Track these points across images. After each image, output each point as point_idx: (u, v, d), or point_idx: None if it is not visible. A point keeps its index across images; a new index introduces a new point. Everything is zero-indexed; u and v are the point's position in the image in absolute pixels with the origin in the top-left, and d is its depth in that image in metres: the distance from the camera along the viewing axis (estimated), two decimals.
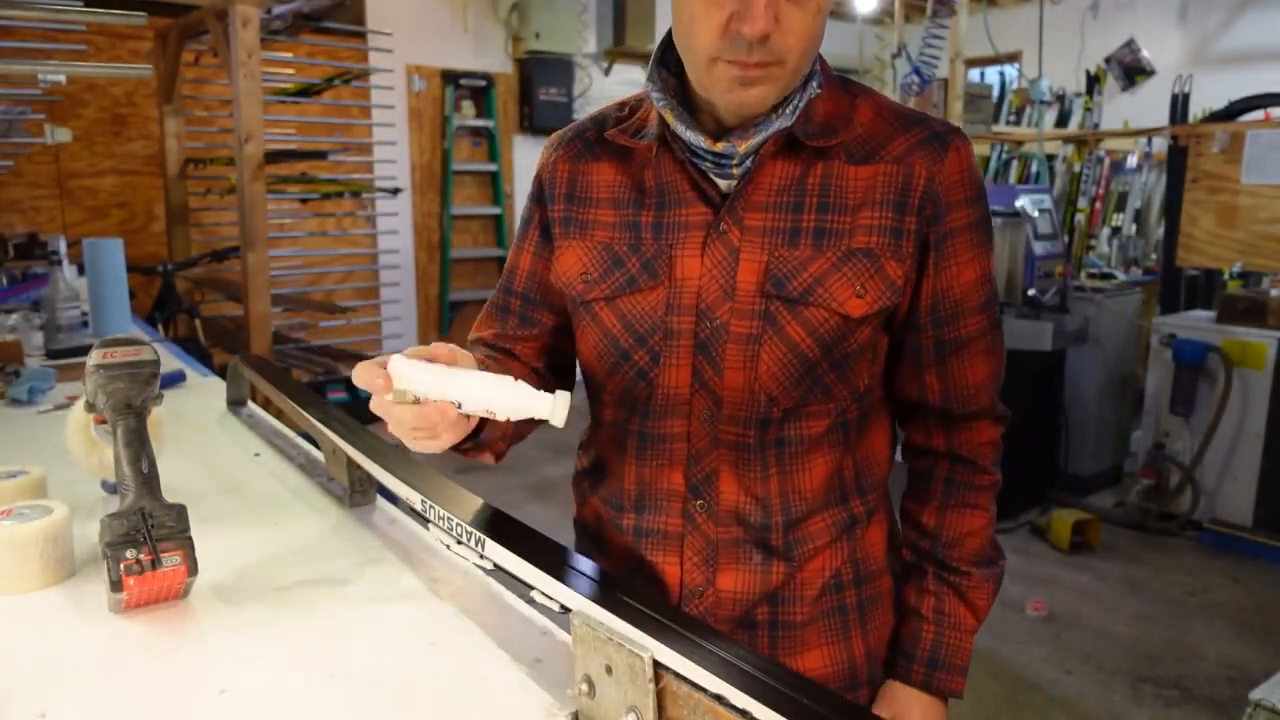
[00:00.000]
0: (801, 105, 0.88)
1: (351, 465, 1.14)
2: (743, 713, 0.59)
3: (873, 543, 1.00)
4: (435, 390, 0.77)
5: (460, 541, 0.89)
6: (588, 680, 0.70)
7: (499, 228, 6.75)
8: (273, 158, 3.72)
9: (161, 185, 4.68)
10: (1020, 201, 3.95)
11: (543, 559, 0.79)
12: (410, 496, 0.99)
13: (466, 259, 6.56)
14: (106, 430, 1.03)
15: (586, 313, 0.96)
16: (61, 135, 3.08)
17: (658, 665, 0.64)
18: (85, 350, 1.26)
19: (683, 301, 0.91)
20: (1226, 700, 2.62)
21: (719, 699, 0.61)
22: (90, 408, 1.02)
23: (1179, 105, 4.66)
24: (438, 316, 6.44)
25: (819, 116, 0.89)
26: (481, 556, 0.86)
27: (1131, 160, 5.70)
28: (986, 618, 1.01)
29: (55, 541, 0.93)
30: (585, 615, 0.70)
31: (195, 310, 4.28)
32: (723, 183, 0.91)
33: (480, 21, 6.45)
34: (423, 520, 1.03)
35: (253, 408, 1.66)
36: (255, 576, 0.96)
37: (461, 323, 6.59)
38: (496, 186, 6.69)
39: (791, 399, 0.91)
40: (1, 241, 3.19)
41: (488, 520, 0.88)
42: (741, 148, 0.88)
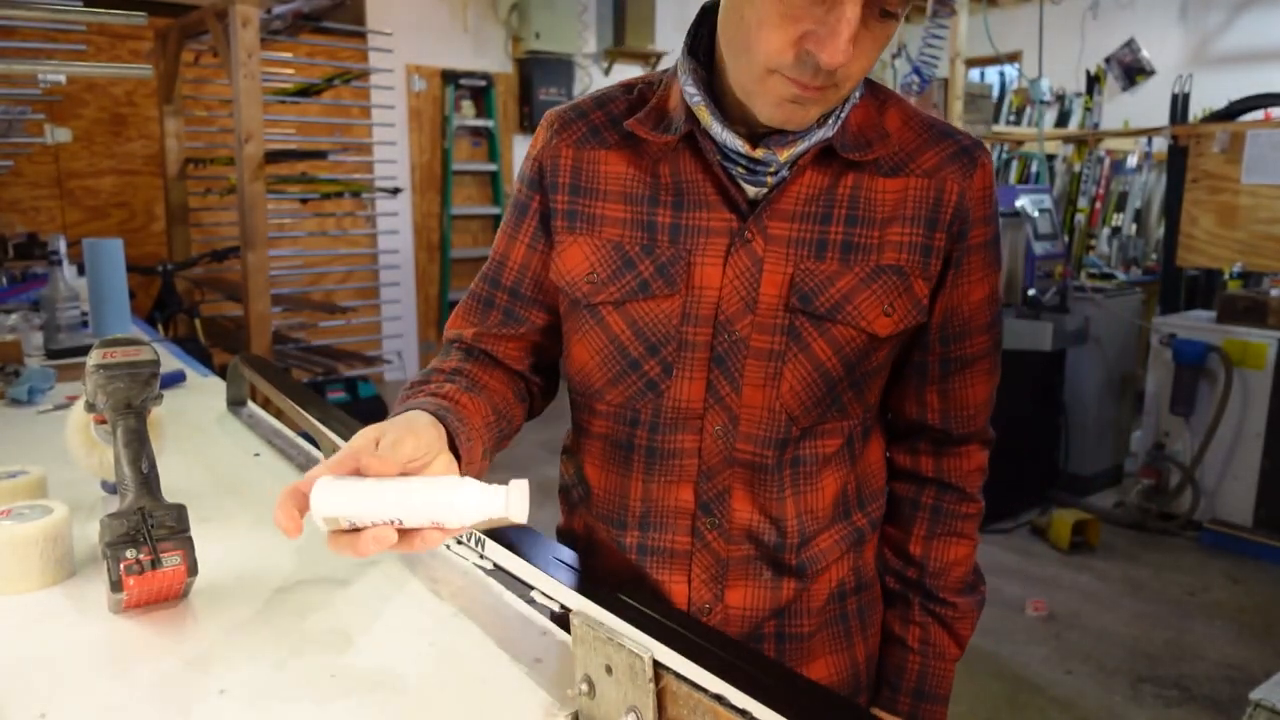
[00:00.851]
0: (844, 116, 0.84)
1: None
2: (743, 713, 0.59)
3: (870, 551, 0.99)
4: (368, 514, 0.66)
5: (460, 541, 0.89)
6: (588, 680, 0.69)
7: (499, 228, 6.74)
8: (273, 158, 3.72)
9: (161, 185, 4.68)
10: (1020, 201, 3.95)
11: (543, 559, 0.79)
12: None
13: (466, 259, 6.55)
14: (106, 430, 1.03)
15: (591, 316, 0.90)
16: (61, 135, 3.08)
17: (658, 665, 0.64)
18: (85, 350, 1.26)
19: (700, 312, 0.86)
20: (1226, 700, 2.62)
21: (719, 699, 0.61)
22: (90, 408, 1.02)
23: (1179, 105, 4.66)
24: (437, 316, 6.44)
25: (854, 127, 0.85)
26: (481, 556, 0.86)
27: (1131, 160, 5.71)
28: (971, 632, 0.99)
29: (55, 541, 0.93)
30: (585, 615, 0.70)
31: (195, 310, 4.28)
32: (751, 189, 0.85)
33: (480, 21, 6.45)
34: None
35: (253, 408, 1.66)
36: (255, 576, 0.96)
37: None
38: (496, 186, 6.70)
39: (811, 418, 0.88)
40: (1, 241, 3.19)
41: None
42: (783, 156, 0.82)
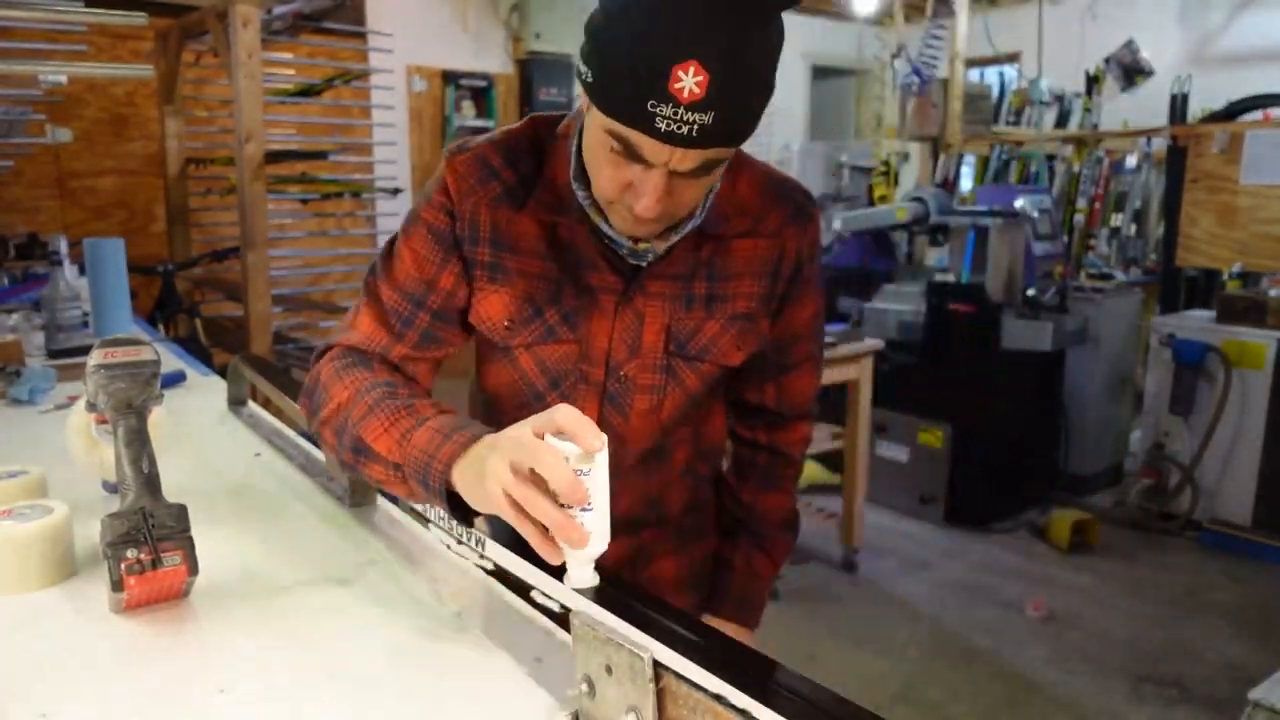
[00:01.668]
0: (709, 206, 0.98)
1: None
2: (743, 713, 0.59)
3: (705, 488, 1.22)
4: (602, 499, 0.72)
5: (460, 541, 0.90)
6: (588, 680, 0.70)
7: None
8: (273, 158, 3.72)
9: (162, 185, 4.68)
10: (1020, 202, 3.95)
11: (543, 559, 0.79)
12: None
13: None
14: (107, 430, 1.03)
15: (504, 355, 1.04)
16: (62, 135, 3.09)
17: (658, 665, 0.64)
18: (86, 350, 1.26)
19: (593, 354, 1.02)
20: (1226, 700, 2.62)
21: (719, 699, 0.61)
22: (91, 407, 1.02)
23: (1178, 105, 4.66)
24: None
25: (715, 207, 0.99)
26: (481, 556, 0.87)
27: (1131, 160, 5.70)
28: (784, 561, 1.27)
29: (55, 541, 0.93)
30: (585, 615, 0.70)
31: (195, 310, 4.28)
32: (632, 260, 0.99)
33: (480, 22, 6.45)
34: (423, 520, 1.03)
35: (253, 408, 1.66)
36: (255, 576, 0.96)
37: None
38: None
39: (678, 426, 1.10)
40: (2, 241, 3.19)
41: (488, 520, 0.88)
42: (660, 248, 0.98)
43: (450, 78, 6.32)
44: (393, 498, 1.11)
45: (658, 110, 0.79)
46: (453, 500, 0.80)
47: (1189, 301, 4.65)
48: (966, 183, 5.88)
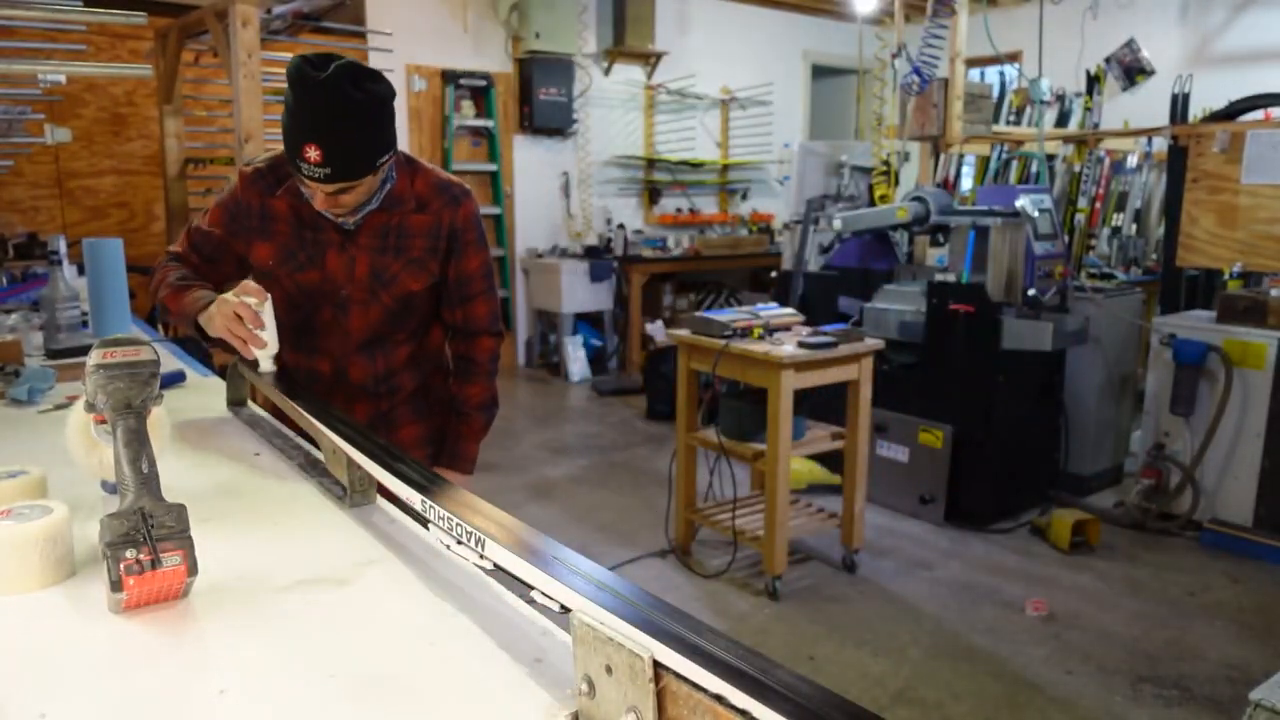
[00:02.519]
0: (382, 195, 1.64)
1: (351, 465, 1.14)
2: (743, 713, 0.59)
3: (435, 378, 1.90)
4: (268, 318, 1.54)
5: (460, 541, 0.89)
6: (588, 680, 0.69)
7: (499, 227, 6.75)
8: None
9: (161, 185, 4.68)
10: (1020, 201, 3.95)
11: (542, 559, 0.79)
12: (410, 496, 0.99)
13: None
14: (106, 430, 1.03)
15: (276, 281, 1.68)
16: (61, 135, 3.09)
17: (658, 665, 0.64)
18: (85, 350, 1.26)
19: (331, 279, 1.70)
20: (1226, 700, 2.62)
21: (719, 699, 0.61)
22: (90, 407, 1.02)
23: (1179, 105, 4.66)
24: None
25: (394, 193, 1.67)
26: (481, 556, 0.86)
27: (1131, 160, 5.70)
28: (484, 432, 1.88)
29: (55, 541, 0.93)
30: (585, 615, 0.70)
31: None
32: (350, 226, 1.67)
33: (480, 21, 6.45)
34: (423, 520, 1.03)
35: (253, 408, 1.66)
36: (255, 576, 0.96)
37: None
38: (496, 186, 6.70)
39: (386, 329, 1.76)
40: (1, 241, 3.19)
41: (488, 520, 0.88)
42: (351, 222, 1.66)
43: (450, 77, 6.32)
44: (392, 497, 1.11)
45: (301, 167, 1.48)
46: (200, 332, 1.60)
47: (1190, 301, 4.64)
48: (967, 182, 5.88)
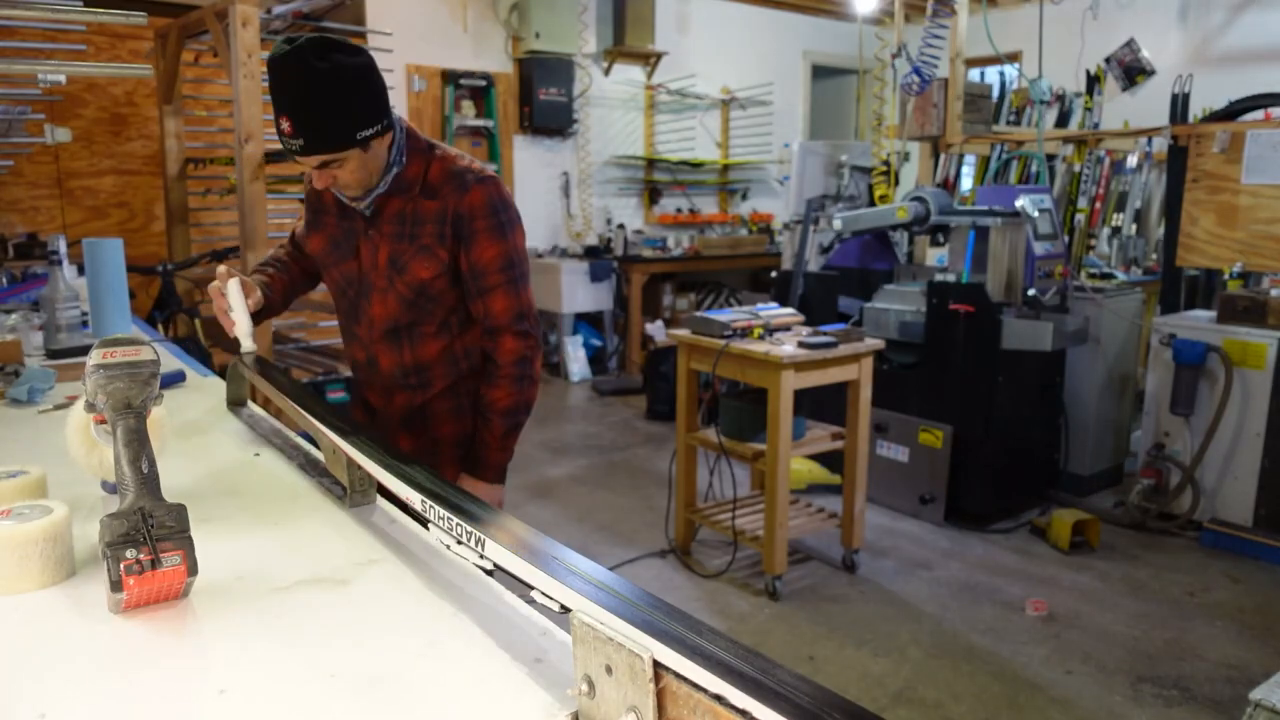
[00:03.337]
0: (390, 178, 1.65)
1: (351, 465, 1.14)
2: (743, 713, 0.59)
3: (470, 378, 1.81)
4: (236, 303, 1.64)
5: (460, 541, 0.89)
6: (588, 680, 0.69)
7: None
8: (272, 158, 3.72)
9: (161, 185, 4.68)
10: (1020, 201, 3.95)
11: (542, 559, 0.79)
12: (410, 496, 0.99)
13: None
14: (106, 430, 1.03)
15: (323, 268, 1.83)
16: (61, 135, 3.09)
17: (658, 665, 0.64)
18: (85, 350, 1.26)
19: (360, 267, 1.74)
20: (1226, 700, 2.62)
21: (719, 699, 0.61)
22: (90, 407, 1.02)
23: (1179, 105, 4.66)
24: None
25: (406, 178, 1.67)
26: (481, 556, 0.86)
27: (1131, 160, 5.70)
28: (507, 439, 1.79)
29: (55, 541, 0.93)
30: (585, 615, 0.70)
31: (195, 310, 4.27)
32: (365, 211, 1.70)
33: (480, 21, 6.45)
34: (423, 520, 1.03)
35: (253, 408, 1.66)
36: (255, 576, 0.96)
37: None
38: None
39: (408, 318, 1.73)
40: (1, 241, 3.19)
41: (488, 520, 0.88)
42: (363, 205, 1.68)
43: (450, 77, 6.32)
44: (392, 497, 1.11)
45: (280, 139, 1.53)
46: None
47: (1190, 301, 4.65)
48: (967, 182, 5.88)
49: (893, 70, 4.65)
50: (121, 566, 0.82)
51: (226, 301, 1.62)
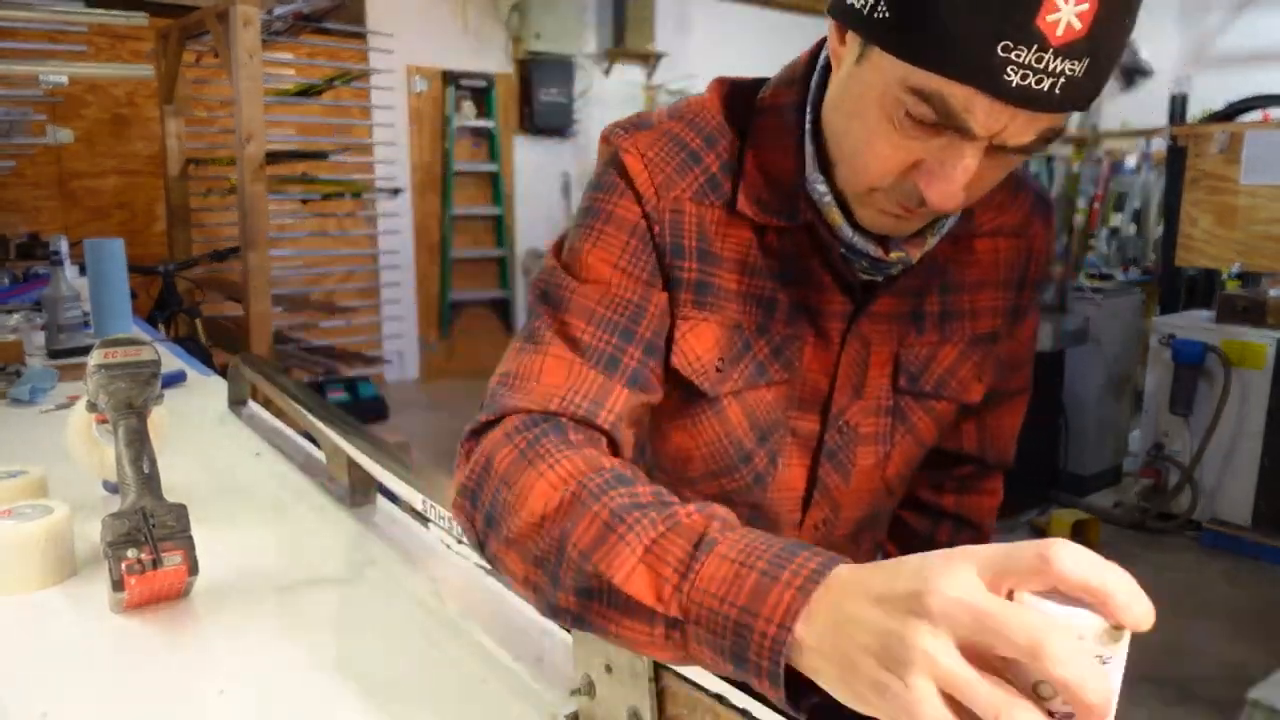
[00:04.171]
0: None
1: (352, 465, 1.15)
2: (743, 713, 0.59)
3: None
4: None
5: (460, 541, 0.90)
6: (588, 680, 0.70)
7: (499, 228, 6.75)
8: (273, 158, 3.72)
9: (162, 185, 4.68)
10: None
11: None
12: (410, 496, 0.99)
13: (467, 259, 6.56)
14: (107, 430, 1.03)
15: (710, 407, 0.77)
16: (63, 136, 3.09)
17: (658, 665, 0.64)
18: (86, 350, 1.26)
19: (807, 397, 0.78)
20: (1225, 700, 2.61)
21: (719, 699, 0.61)
22: (91, 407, 1.02)
23: (1178, 105, 4.66)
24: (437, 317, 6.44)
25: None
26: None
27: (1130, 160, 5.71)
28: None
29: (55, 541, 0.93)
30: None
31: (196, 310, 4.27)
32: (868, 275, 0.75)
33: (480, 22, 6.45)
34: (423, 520, 1.03)
35: (253, 408, 1.66)
36: (255, 576, 0.96)
37: (462, 324, 6.58)
38: (497, 187, 6.69)
39: (906, 489, 0.88)
40: (3, 242, 3.20)
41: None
42: (915, 256, 0.72)
43: (450, 78, 6.32)
44: (392, 497, 1.11)
45: (1012, 55, 0.53)
46: (790, 681, 0.46)
47: (1189, 301, 4.65)
48: None
49: None
50: (123, 566, 0.83)
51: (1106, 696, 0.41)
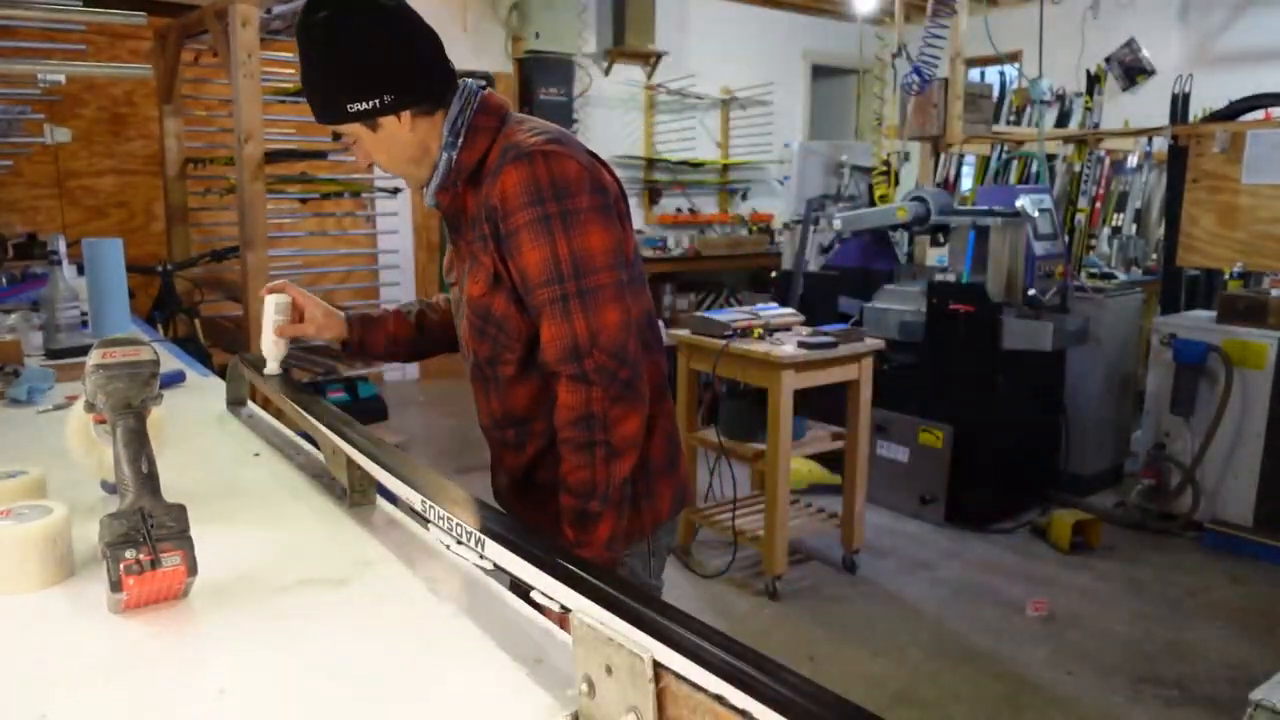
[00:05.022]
0: (441, 169, 1.31)
1: (351, 465, 1.14)
2: (743, 713, 0.59)
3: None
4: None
5: (460, 541, 0.89)
6: (588, 680, 0.69)
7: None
8: (272, 157, 3.72)
9: (161, 185, 4.67)
10: (1020, 201, 3.94)
11: (543, 559, 0.79)
12: (410, 496, 0.99)
13: None
14: (106, 430, 1.03)
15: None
16: (61, 135, 3.09)
17: (658, 665, 0.64)
18: (85, 350, 1.26)
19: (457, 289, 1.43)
20: (1226, 700, 2.61)
21: (719, 699, 0.61)
22: (90, 407, 1.02)
23: (1179, 105, 4.66)
24: None
25: (460, 165, 1.31)
26: (481, 556, 0.86)
27: (1132, 160, 5.70)
28: (575, 522, 1.28)
29: (55, 541, 0.93)
30: (585, 615, 0.70)
31: (195, 310, 4.27)
32: (443, 211, 1.37)
33: (480, 21, 6.45)
34: (423, 520, 1.03)
35: (253, 408, 1.66)
36: (255, 576, 0.96)
37: None
38: None
39: (484, 352, 1.36)
40: (1, 241, 3.19)
41: (488, 520, 0.88)
42: (429, 203, 1.36)
43: None
44: (392, 497, 1.11)
45: None
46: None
47: (1190, 301, 4.64)
48: (967, 182, 5.88)
49: (893, 70, 4.66)
50: (121, 566, 0.82)
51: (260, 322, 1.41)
